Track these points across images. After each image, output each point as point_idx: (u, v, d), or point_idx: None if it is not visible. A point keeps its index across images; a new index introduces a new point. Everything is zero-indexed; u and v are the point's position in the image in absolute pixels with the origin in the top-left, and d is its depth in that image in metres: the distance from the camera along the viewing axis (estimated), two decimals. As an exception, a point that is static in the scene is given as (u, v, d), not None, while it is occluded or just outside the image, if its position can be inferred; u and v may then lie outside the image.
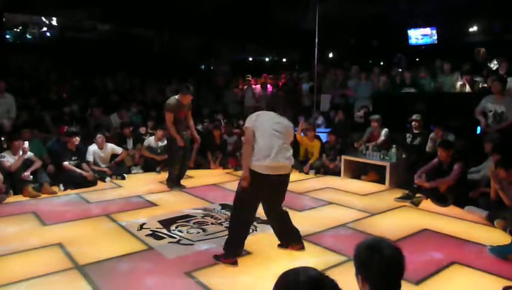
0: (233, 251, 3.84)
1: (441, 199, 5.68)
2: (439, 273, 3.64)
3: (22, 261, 3.84)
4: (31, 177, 6.21)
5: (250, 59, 17.00)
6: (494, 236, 4.49)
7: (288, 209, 4.16)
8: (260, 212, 4.17)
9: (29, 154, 6.35)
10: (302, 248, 4.08)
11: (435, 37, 11.67)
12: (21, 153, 6.18)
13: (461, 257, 3.96)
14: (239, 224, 3.88)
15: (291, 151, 3.91)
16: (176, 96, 6.47)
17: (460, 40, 11.55)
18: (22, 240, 4.31)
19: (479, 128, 6.80)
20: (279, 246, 4.13)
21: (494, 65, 8.61)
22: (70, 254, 3.96)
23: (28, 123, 7.59)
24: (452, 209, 5.52)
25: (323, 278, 1.46)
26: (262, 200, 3.94)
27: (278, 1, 10.19)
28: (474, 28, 11.49)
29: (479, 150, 6.17)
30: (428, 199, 5.78)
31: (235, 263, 3.77)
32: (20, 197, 5.97)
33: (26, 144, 6.29)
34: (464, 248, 4.23)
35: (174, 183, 6.61)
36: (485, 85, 7.73)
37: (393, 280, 1.78)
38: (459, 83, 8.21)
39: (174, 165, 6.59)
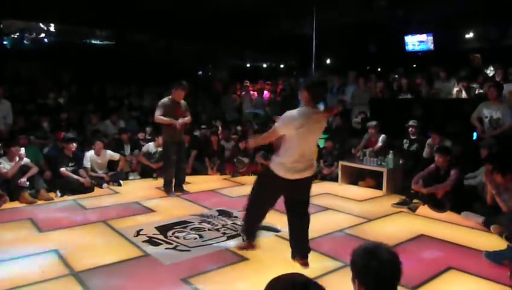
0: (248, 237, 4.12)
1: (438, 205, 5.68)
2: (436, 278, 3.64)
3: (18, 267, 3.82)
4: (28, 183, 6.19)
5: (248, 65, 17.03)
6: (491, 242, 4.50)
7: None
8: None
9: (26, 160, 6.33)
10: (306, 264, 3.76)
11: (432, 44, 11.73)
12: (17, 159, 6.17)
13: (457, 262, 3.96)
14: (252, 216, 4.03)
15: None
16: (170, 96, 6.47)
17: (456, 46, 11.60)
18: (18, 247, 4.29)
19: (475, 134, 6.83)
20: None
21: (490, 71, 8.65)
22: (66, 260, 3.94)
23: (24, 129, 7.59)
24: (449, 215, 5.53)
25: (310, 284, 1.46)
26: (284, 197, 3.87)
27: (276, 7, 10.22)
28: (470, 35, 11.54)
29: (476, 155, 6.19)
30: (425, 205, 5.79)
31: (251, 247, 4.10)
32: (16, 204, 5.95)
33: (23, 150, 6.27)
34: (460, 254, 4.24)
35: (170, 188, 6.60)
36: (481, 91, 7.75)
37: (389, 285, 1.78)
38: (455, 89, 8.23)
39: (167, 171, 6.60)
